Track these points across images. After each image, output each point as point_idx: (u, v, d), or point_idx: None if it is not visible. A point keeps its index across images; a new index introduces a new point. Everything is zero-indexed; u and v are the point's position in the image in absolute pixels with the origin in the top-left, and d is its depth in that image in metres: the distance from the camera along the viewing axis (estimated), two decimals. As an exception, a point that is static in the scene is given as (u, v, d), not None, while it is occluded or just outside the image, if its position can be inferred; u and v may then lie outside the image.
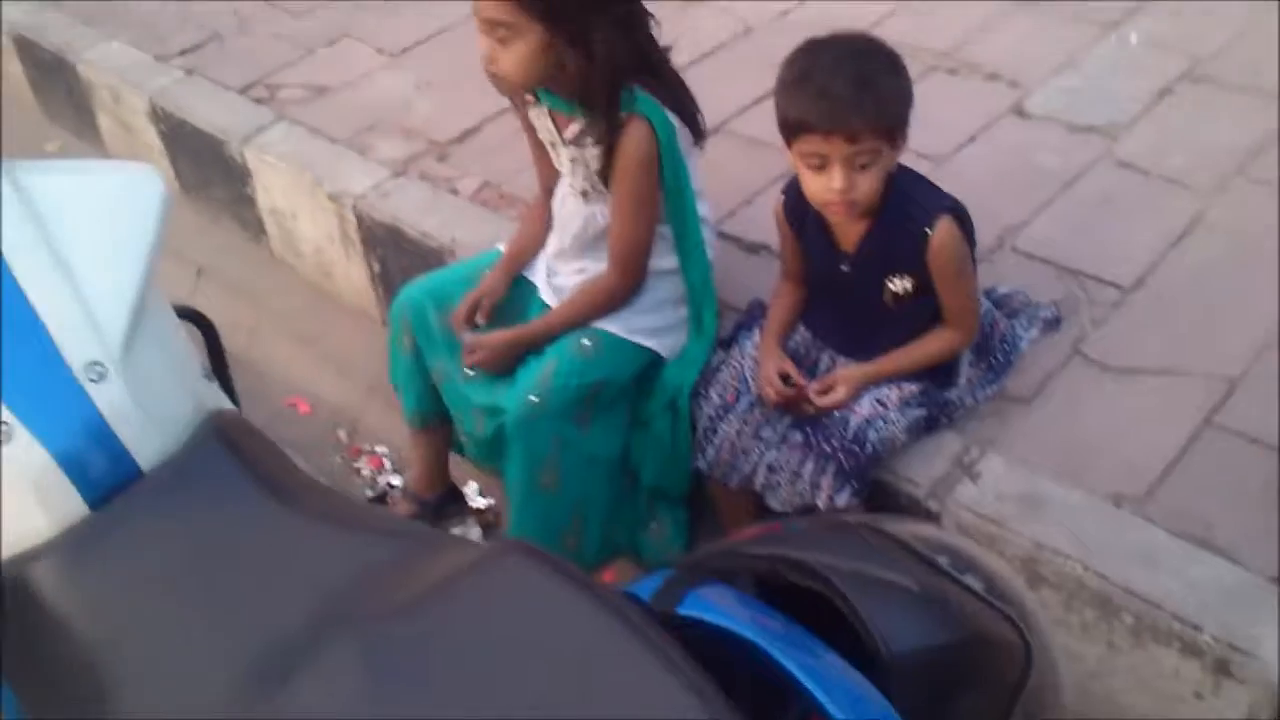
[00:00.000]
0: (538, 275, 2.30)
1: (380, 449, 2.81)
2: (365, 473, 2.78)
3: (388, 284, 2.92)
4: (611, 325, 2.15)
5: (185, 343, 1.35)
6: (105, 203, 1.32)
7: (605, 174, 2.08)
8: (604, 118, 2.02)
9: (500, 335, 2.19)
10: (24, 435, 1.12)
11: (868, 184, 1.88)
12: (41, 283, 1.18)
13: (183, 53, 3.60)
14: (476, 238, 2.65)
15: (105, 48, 3.70)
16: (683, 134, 2.08)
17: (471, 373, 2.21)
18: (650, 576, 0.99)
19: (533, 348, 2.17)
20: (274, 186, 3.12)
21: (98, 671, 1.04)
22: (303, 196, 3.03)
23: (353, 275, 3.03)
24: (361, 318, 3.07)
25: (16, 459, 1.12)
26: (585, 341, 2.12)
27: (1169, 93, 2.78)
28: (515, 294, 2.29)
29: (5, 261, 1.18)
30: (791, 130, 1.89)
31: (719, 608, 0.86)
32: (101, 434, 1.14)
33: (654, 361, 2.18)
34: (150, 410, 1.18)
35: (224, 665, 0.96)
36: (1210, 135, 2.62)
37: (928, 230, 1.93)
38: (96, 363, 1.16)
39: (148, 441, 1.17)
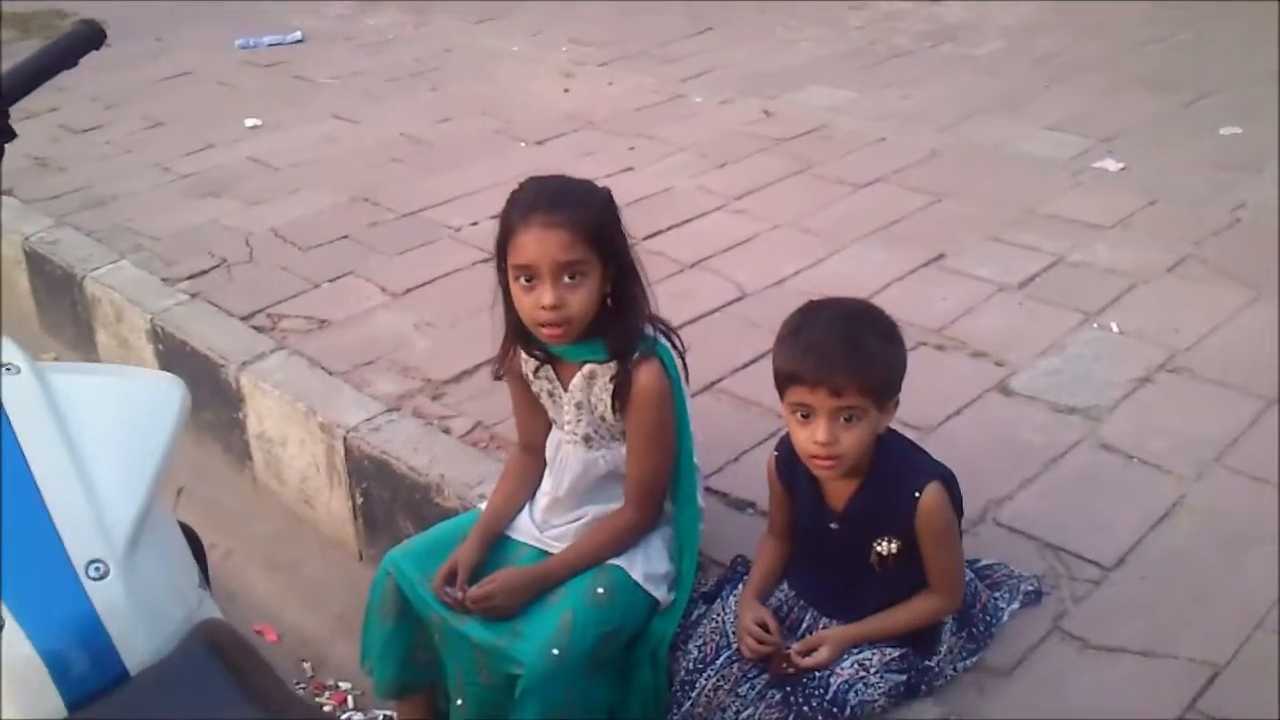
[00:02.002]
0: (522, 533, 2.26)
1: (344, 684, 2.74)
2: (327, 709, 2.70)
3: (369, 517, 2.92)
4: (627, 565, 2.13)
5: (185, 550, 1.35)
6: (127, 405, 1.34)
7: (615, 416, 2.11)
8: (624, 357, 2.06)
9: (515, 575, 2.13)
10: (13, 628, 1.10)
11: (851, 440, 1.91)
12: (54, 478, 1.19)
13: (190, 277, 3.71)
14: (465, 477, 2.67)
15: (115, 267, 3.81)
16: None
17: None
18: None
19: (550, 586, 2.12)
20: (266, 412, 3.15)
21: None
22: (294, 425, 3.06)
23: (334, 506, 3.03)
24: (338, 549, 3.05)
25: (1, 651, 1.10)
26: (599, 590, 2.09)
27: (1149, 381, 2.87)
28: (497, 557, 2.22)
29: (23, 454, 1.19)
30: (782, 381, 1.95)
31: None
32: (93, 632, 1.13)
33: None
34: (145, 612, 1.17)
35: None
36: (1189, 424, 2.69)
37: (917, 494, 1.96)
38: (99, 561, 1.16)
39: (138, 643, 1.15)
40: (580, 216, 1.99)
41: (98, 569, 1.15)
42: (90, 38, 1.67)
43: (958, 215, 3.84)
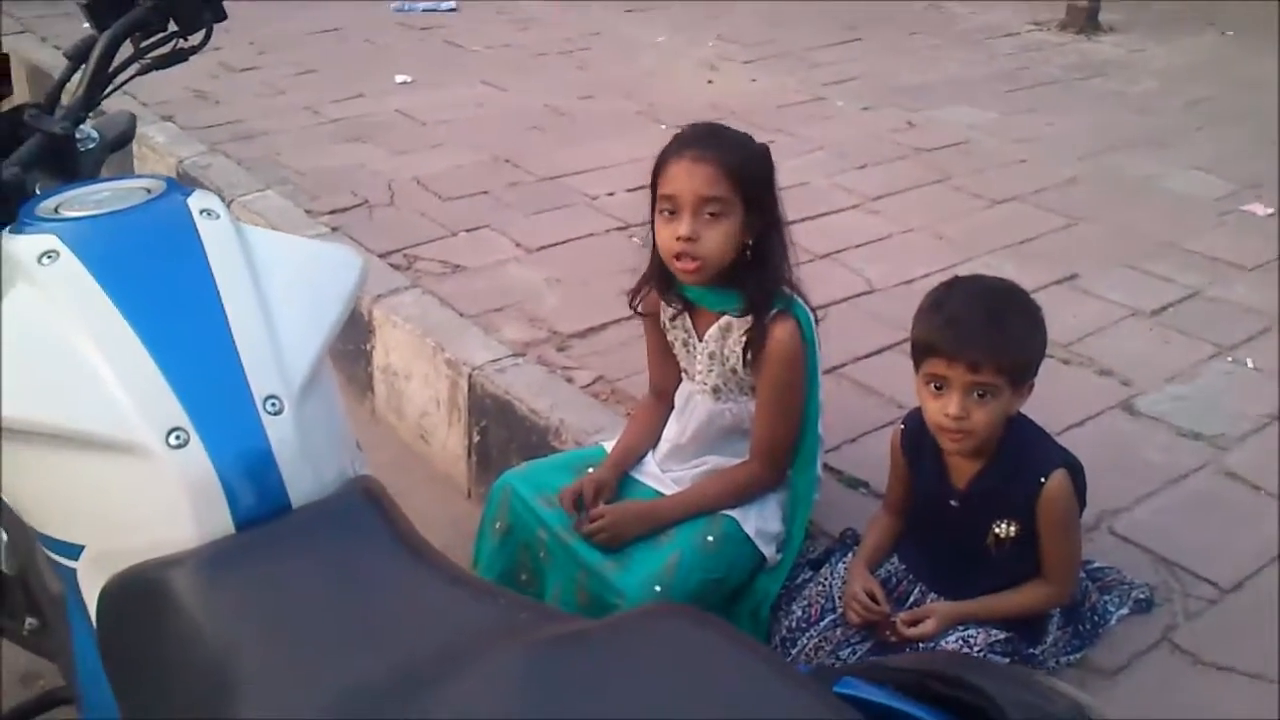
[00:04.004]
0: (645, 474, 2.31)
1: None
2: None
3: (483, 455, 2.98)
4: (741, 518, 2.15)
5: (345, 413, 1.40)
6: (310, 264, 1.40)
7: (745, 369, 2.14)
8: (760, 311, 2.09)
9: (631, 506, 2.17)
10: (196, 446, 1.16)
11: (983, 416, 1.91)
12: (243, 316, 1.24)
13: (331, 212, 3.81)
14: (583, 424, 2.71)
15: (261, 195, 3.93)
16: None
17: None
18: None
19: (663, 525, 2.14)
20: (394, 345, 3.22)
21: (215, 678, 1.04)
22: (420, 359, 3.13)
23: (450, 443, 3.09)
24: (448, 485, 3.11)
25: (183, 467, 1.15)
26: (709, 537, 2.12)
27: (1280, 419, 2.82)
28: (621, 491, 2.26)
29: (217, 291, 1.25)
30: (919, 352, 1.96)
31: (874, 689, 0.86)
32: (265, 463, 1.18)
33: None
34: (311, 453, 1.22)
35: (361, 677, 0.97)
36: (1318, 464, 2.64)
37: (1043, 480, 1.96)
38: (275, 397, 1.21)
39: (303, 481, 1.20)
40: (730, 157, 2.03)
41: (274, 404, 1.21)
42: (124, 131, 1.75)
43: (1094, 240, 3.80)
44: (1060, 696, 0.90)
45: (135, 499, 1.18)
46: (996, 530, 2.00)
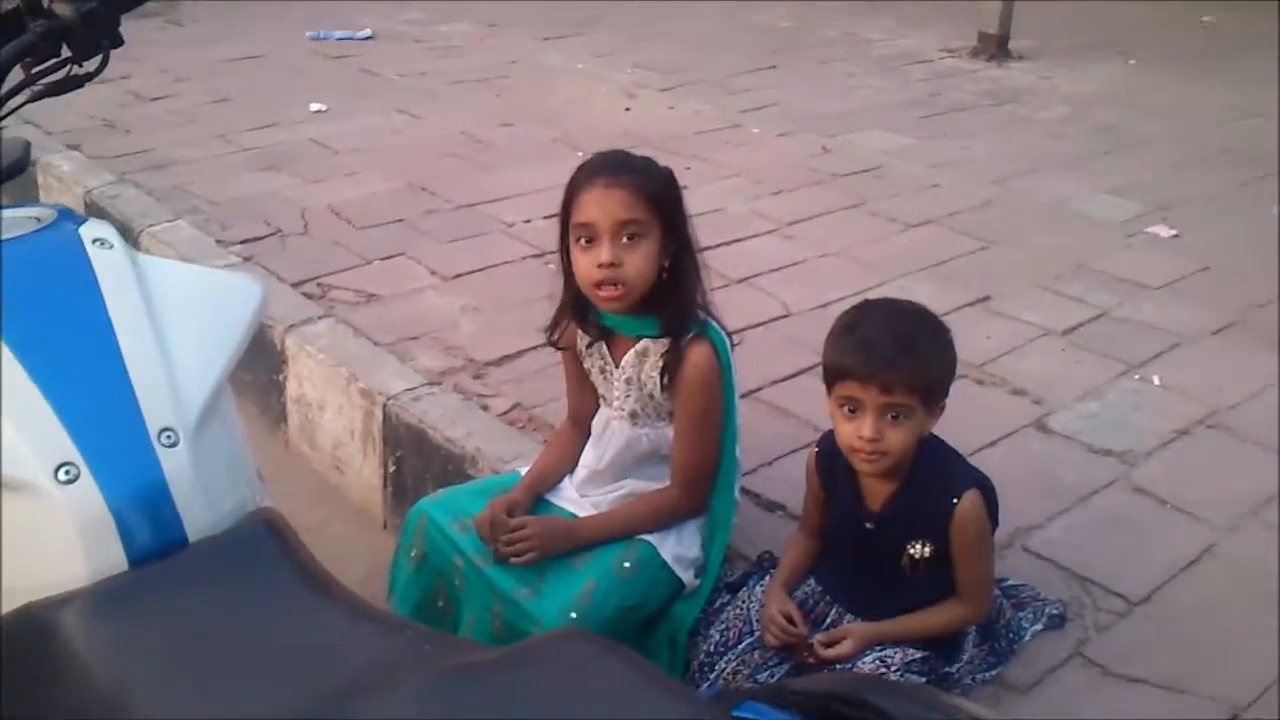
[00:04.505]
0: (562, 498, 2.29)
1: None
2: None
3: (399, 486, 2.94)
4: (658, 543, 2.14)
5: (246, 444, 1.37)
6: (208, 295, 1.38)
7: (662, 394, 2.13)
8: (677, 334, 2.09)
9: (554, 521, 2.17)
10: (87, 481, 1.13)
11: (897, 438, 1.93)
12: (137, 346, 1.22)
13: (244, 242, 3.76)
14: (500, 452, 2.69)
15: (171, 225, 3.87)
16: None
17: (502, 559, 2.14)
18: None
19: (584, 544, 2.14)
20: (307, 376, 3.18)
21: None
22: (334, 390, 3.09)
23: (365, 473, 3.05)
24: (364, 516, 3.06)
25: (74, 502, 1.12)
26: (625, 563, 2.11)
27: (1186, 434, 2.87)
28: (536, 513, 2.24)
29: (110, 322, 1.22)
30: (831, 376, 1.97)
31: (775, 713, 0.85)
32: (159, 496, 1.15)
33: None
34: (208, 486, 1.20)
35: (259, 714, 0.94)
36: (1224, 478, 2.68)
37: (955, 500, 1.97)
38: (170, 429, 1.18)
39: (199, 513, 1.18)
40: (642, 180, 2.05)
41: (169, 437, 1.18)
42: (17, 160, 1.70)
43: (1007, 262, 3.85)
44: (964, 714, 0.91)
45: (26, 537, 1.15)
46: (911, 551, 2.01)
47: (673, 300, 2.10)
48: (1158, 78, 6.31)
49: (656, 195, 2.06)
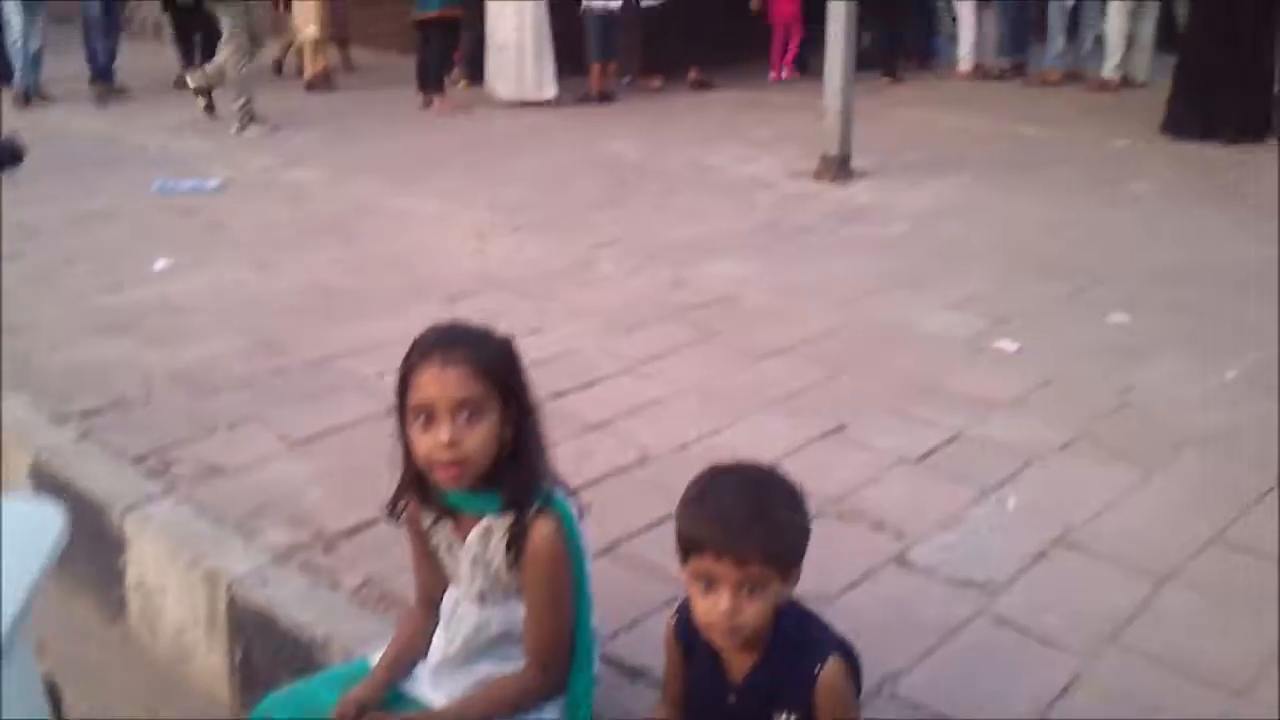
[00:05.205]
0: (417, 688, 2.19)
1: None
2: None
3: (248, 675, 2.79)
4: None
5: (41, 691, 1.27)
6: (3, 528, 1.28)
7: (510, 572, 2.06)
8: (521, 509, 2.03)
9: (409, 717, 2.08)
10: None
11: (754, 611, 1.88)
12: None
13: (84, 414, 3.61)
14: (353, 633, 2.57)
15: (6, 401, 3.69)
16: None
17: None
18: None
19: None
20: (147, 560, 3.03)
21: None
22: (175, 573, 2.94)
23: (211, 662, 2.90)
24: (212, 710, 2.89)
25: None
26: None
27: (1044, 556, 2.89)
28: (389, 707, 2.14)
29: None
30: (686, 548, 1.92)
31: None
32: None
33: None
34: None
35: None
36: (1083, 600, 2.70)
37: (818, 669, 1.93)
38: None
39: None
40: (478, 355, 2.01)
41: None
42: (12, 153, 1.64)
43: (859, 388, 3.89)
44: None
45: None
46: (778, 722, 1.96)
47: (515, 474, 2.05)
48: (996, 192, 6.55)
49: (494, 369, 2.02)
